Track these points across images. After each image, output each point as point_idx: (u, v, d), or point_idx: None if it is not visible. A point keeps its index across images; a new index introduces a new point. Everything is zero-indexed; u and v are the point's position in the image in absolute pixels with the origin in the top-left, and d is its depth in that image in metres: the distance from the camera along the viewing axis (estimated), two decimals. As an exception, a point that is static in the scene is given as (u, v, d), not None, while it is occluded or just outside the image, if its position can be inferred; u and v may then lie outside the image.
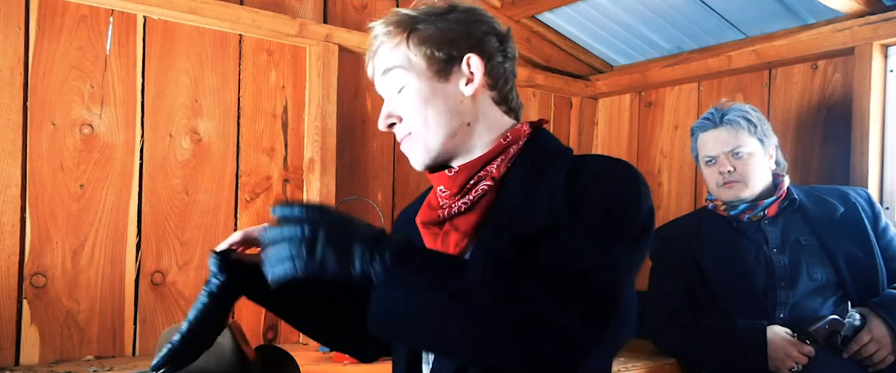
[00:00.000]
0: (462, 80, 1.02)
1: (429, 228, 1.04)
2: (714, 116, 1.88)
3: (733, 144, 1.83)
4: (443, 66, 1.01)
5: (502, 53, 1.06)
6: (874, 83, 2.06)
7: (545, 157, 1.01)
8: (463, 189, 1.01)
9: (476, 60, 1.02)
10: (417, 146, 1.03)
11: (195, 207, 1.97)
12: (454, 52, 1.02)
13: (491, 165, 1.01)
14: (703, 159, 1.92)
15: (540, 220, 0.92)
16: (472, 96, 1.03)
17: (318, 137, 2.13)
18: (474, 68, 1.02)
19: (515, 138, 1.03)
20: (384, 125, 1.05)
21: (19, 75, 1.70)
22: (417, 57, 1.02)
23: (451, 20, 1.03)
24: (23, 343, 1.71)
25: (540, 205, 0.94)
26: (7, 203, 1.68)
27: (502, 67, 1.05)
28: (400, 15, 1.04)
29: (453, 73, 1.02)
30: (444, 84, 1.02)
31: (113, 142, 1.83)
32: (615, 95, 2.90)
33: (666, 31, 2.51)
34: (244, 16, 1.96)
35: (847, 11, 2.07)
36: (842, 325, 1.65)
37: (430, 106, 1.01)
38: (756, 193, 1.83)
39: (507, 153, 1.02)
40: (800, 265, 1.74)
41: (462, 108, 1.02)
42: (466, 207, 1.00)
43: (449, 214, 1.01)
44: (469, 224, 0.99)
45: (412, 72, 1.02)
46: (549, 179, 0.96)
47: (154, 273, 1.90)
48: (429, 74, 1.01)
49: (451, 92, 1.02)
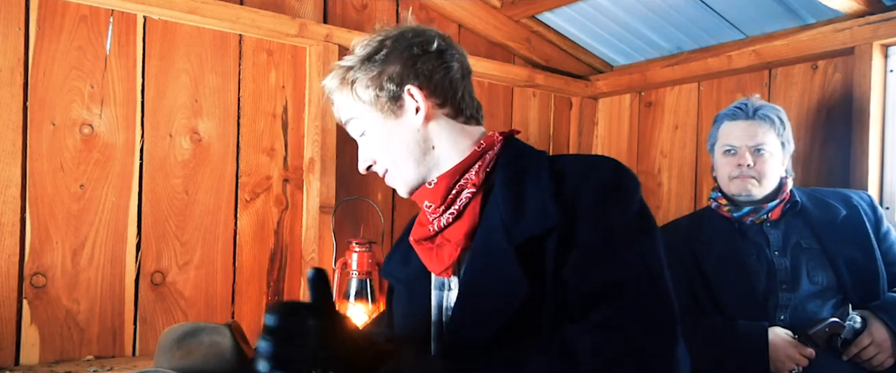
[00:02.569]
0: (412, 110, 1.06)
1: (422, 244, 1.08)
2: (747, 108, 1.85)
3: (759, 139, 1.81)
4: (389, 104, 1.05)
5: (443, 67, 1.07)
6: (874, 83, 2.06)
7: (522, 159, 1.04)
8: (446, 200, 1.04)
9: (415, 90, 1.05)
10: (396, 180, 1.09)
11: (195, 207, 1.96)
12: (394, 88, 1.05)
13: (469, 172, 1.04)
14: (722, 148, 1.88)
15: (532, 225, 0.95)
16: (425, 123, 1.06)
17: (318, 137, 2.13)
18: (416, 97, 1.05)
19: (489, 145, 1.07)
20: (363, 168, 1.13)
21: (19, 75, 1.70)
22: (365, 104, 1.07)
23: (380, 60, 1.06)
24: (23, 343, 1.71)
25: (530, 209, 0.96)
26: (7, 203, 1.68)
27: (446, 81, 1.07)
28: (340, 69, 1.10)
29: (402, 107, 1.06)
30: (397, 120, 1.06)
31: (113, 142, 1.83)
32: (615, 95, 2.90)
33: (666, 31, 2.51)
34: (244, 16, 1.96)
35: (847, 11, 2.07)
36: (842, 327, 1.64)
37: (393, 143, 1.07)
38: (765, 193, 1.82)
39: (484, 159, 1.05)
40: (800, 268, 1.73)
41: (421, 136, 1.06)
42: (454, 218, 1.03)
43: (439, 227, 1.04)
44: (459, 234, 1.02)
45: (366, 117, 1.08)
46: (533, 181, 0.98)
47: (154, 273, 1.90)
48: (381, 116, 1.06)
49: (406, 125, 1.06)
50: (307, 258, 2.14)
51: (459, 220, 1.03)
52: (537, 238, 0.94)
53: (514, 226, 0.96)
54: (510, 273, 0.94)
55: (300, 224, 2.16)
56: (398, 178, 1.09)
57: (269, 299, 2.11)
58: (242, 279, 2.05)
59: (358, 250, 2.02)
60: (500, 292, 0.95)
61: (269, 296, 2.11)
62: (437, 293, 1.07)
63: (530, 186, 0.98)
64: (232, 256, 2.04)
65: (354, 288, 2.01)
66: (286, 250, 2.14)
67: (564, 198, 0.95)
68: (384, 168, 1.10)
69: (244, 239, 2.05)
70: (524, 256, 0.94)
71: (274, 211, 2.12)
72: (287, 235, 2.14)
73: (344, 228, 2.21)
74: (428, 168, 1.07)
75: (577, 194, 0.94)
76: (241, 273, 2.05)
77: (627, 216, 0.94)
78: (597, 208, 0.93)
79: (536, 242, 0.94)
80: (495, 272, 0.96)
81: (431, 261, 1.05)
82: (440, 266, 1.04)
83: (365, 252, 2.02)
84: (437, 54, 1.07)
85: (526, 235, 0.95)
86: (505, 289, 0.94)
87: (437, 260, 1.04)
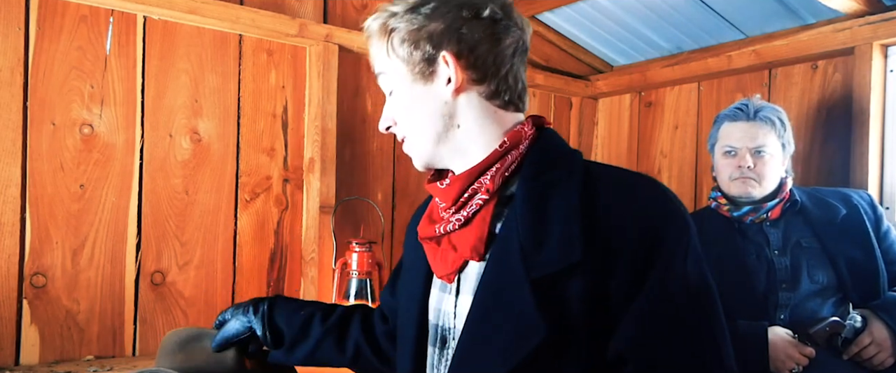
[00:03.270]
0: (443, 79, 0.93)
1: (427, 243, 0.99)
2: (747, 109, 1.85)
3: (760, 141, 1.81)
4: (423, 67, 0.93)
5: (492, 38, 0.94)
6: (874, 83, 2.06)
7: (553, 170, 0.90)
8: (457, 203, 0.94)
9: (450, 57, 0.92)
10: (412, 150, 0.99)
11: (195, 207, 1.96)
12: (430, 49, 0.93)
13: (485, 175, 0.92)
14: (723, 149, 1.88)
15: (553, 258, 0.83)
16: (454, 96, 0.94)
17: (318, 137, 2.13)
18: (451, 66, 0.92)
19: (514, 143, 0.93)
20: (383, 128, 1.02)
21: (19, 75, 1.70)
22: (398, 60, 0.95)
23: (424, 14, 0.93)
24: (23, 343, 1.71)
25: (553, 236, 0.84)
26: (7, 203, 1.68)
27: (491, 55, 0.93)
28: (384, 13, 0.97)
29: (434, 73, 0.94)
30: (426, 85, 0.94)
31: (113, 142, 1.83)
32: (615, 95, 2.90)
33: (666, 31, 2.51)
34: (244, 16, 1.96)
35: (847, 11, 2.07)
36: (842, 327, 1.64)
37: (415, 110, 0.96)
38: (765, 193, 1.82)
39: (504, 161, 0.92)
40: (800, 268, 1.73)
41: (446, 110, 0.94)
42: (461, 224, 0.93)
43: (445, 230, 0.95)
44: (466, 244, 0.92)
45: (397, 75, 0.96)
46: (561, 201, 0.86)
47: (154, 273, 1.90)
48: (411, 78, 0.95)
49: (433, 93, 0.94)
50: (307, 258, 2.14)
51: (467, 227, 0.92)
52: (558, 273, 0.82)
53: (533, 254, 0.84)
54: (524, 311, 0.82)
55: (300, 224, 2.16)
56: (414, 149, 0.98)
57: (269, 299, 2.11)
58: (242, 279, 2.05)
59: (358, 250, 2.02)
60: (511, 331, 0.83)
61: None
62: (439, 294, 0.99)
63: (556, 206, 0.85)
64: (232, 256, 2.04)
65: (354, 288, 2.01)
66: (286, 250, 2.14)
67: (597, 228, 0.82)
68: (403, 134, 0.99)
69: (244, 239, 2.05)
70: (542, 292, 0.82)
71: (274, 211, 2.12)
72: (287, 235, 2.14)
73: (344, 229, 2.21)
74: (448, 148, 0.96)
75: (615, 230, 0.82)
76: (241, 273, 2.05)
77: (686, 269, 0.83)
78: (646, 257, 0.81)
79: (558, 278, 0.82)
80: (507, 306, 0.85)
81: (435, 262, 0.97)
82: (443, 271, 0.96)
83: (365, 252, 2.02)
84: (488, 22, 0.93)
85: (545, 270, 0.83)
86: (517, 329, 0.83)
87: (440, 263, 0.96)
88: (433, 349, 0.98)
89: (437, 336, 0.98)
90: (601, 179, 0.88)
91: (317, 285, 2.11)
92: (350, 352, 1.19)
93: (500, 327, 0.85)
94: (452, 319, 0.95)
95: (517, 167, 0.93)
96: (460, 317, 0.93)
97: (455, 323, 0.95)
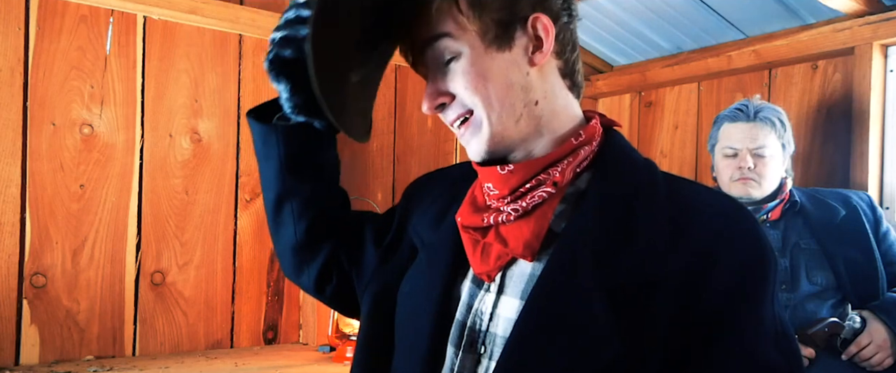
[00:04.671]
0: (524, 48, 0.81)
1: (470, 232, 0.84)
2: (747, 110, 1.85)
3: (760, 141, 1.81)
4: (503, 31, 0.80)
5: (567, 12, 0.84)
6: (874, 83, 2.06)
7: (632, 172, 0.81)
8: (515, 192, 0.81)
9: (545, 21, 0.80)
10: (480, 132, 0.82)
11: (195, 207, 1.97)
12: (516, 12, 0.80)
13: (555, 167, 0.81)
14: (723, 150, 1.88)
15: (640, 264, 0.74)
16: (538, 67, 0.82)
17: (318, 137, 2.12)
18: (542, 32, 0.81)
19: (589, 138, 0.82)
20: (431, 107, 0.84)
21: (19, 75, 1.70)
22: (471, 20, 0.79)
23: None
24: (23, 343, 1.71)
25: (639, 243, 0.75)
26: (7, 203, 1.68)
27: (568, 30, 0.84)
28: None
29: (516, 39, 0.81)
30: (505, 53, 0.80)
31: (113, 142, 1.83)
32: (615, 95, 2.90)
33: (666, 31, 2.51)
34: (244, 16, 1.96)
35: (847, 11, 2.07)
36: (841, 328, 1.65)
37: (491, 81, 0.80)
38: (765, 194, 1.82)
39: (577, 156, 0.81)
40: (799, 268, 1.74)
41: (528, 82, 0.81)
42: (517, 215, 0.80)
43: (495, 220, 0.81)
44: (519, 240, 0.79)
45: (465, 40, 0.80)
46: (645, 208, 0.77)
47: (154, 273, 1.90)
48: (486, 42, 0.80)
49: (514, 62, 0.81)
50: (307, 258, 2.14)
51: (523, 219, 0.80)
52: (640, 287, 0.73)
53: (609, 260, 0.74)
54: (594, 322, 0.72)
55: (300, 224, 2.16)
56: (484, 129, 0.81)
57: (269, 299, 2.11)
58: (242, 279, 2.05)
59: (358, 250, 2.02)
60: (575, 345, 0.73)
61: (269, 296, 2.11)
62: (472, 288, 0.85)
63: (641, 213, 0.76)
64: (232, 256, 2.04)
65: (354, 288, 2.01)
66: (286, 250, 2.14)
67: (686, 245, 0.74)
68: (464, 111, 0.82)
69: (244, 239, 2.06)
70: (618, 304, 0.72)
71: (274, 211, 2.12)
72: (287, 235, 2.14)
73: (344, 228, 2.21)
74: (520, 130, 0.81)
75: (708, 253, 0.74)
76: (241, 273, 2.05)
77: (774, 312, 0.77)
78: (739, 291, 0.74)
79: (639, 290, 0.73)
80: (572, 316, 0.74)
81: (474, 257, 0.83)
82: (483, 268, 0.82)
83: (365, 252, 2.02)
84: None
85: (630, 278, 0.73)
86: (582, 342, 0.73)
87: (481, 259, 0.83)
88: (454, 350, 0.83)
89: (464, 337, 0.83)
90: (693, 198, 0.79)
91: (317, 284, 2.11)
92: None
93: (561, 339, 0.74)
94: (488, 321, 0.82)
95: (588, 165, 0.83)
96: (501, 320, 0.80)
97: (493, 328, 0.81)
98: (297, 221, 0.95)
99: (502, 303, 0.81)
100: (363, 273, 0.97)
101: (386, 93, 2.35)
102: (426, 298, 0.86)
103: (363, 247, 0.98)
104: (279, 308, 2.13)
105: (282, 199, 0.95)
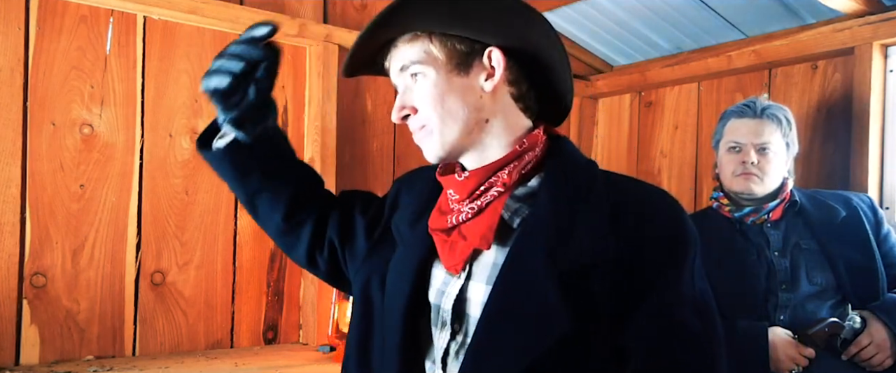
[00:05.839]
0: (483, 75, 0.97)
1: (438, 234, 1.00)
2: (754, 106, 1.86)
3: (765, 137, 1.82)
4: (463, 60, 0.97)
5: (529, 56, 1.00)
6: (874, 83, 2.06)
7: (576, 175, 0.95)
8: (472, 195, 0.96)
9: (498, 55, 0.96)
10: (431, 139, 0.98)
11: (195, 207, 1.97)
12: (475, 47, 0.97)
13: (502, 171, 0.96)
14: (728, 145, 1.88)
15: (583, 251, 0.87)
16: (491, 92, 0.97)
17: (318, 137, 2.13)
18: (496, 63, 0.97)
19: (531, 145, 0.97)
20: (398, 117, 1.00)
21: (19, 75, 1.70)
22: (438, 51, 0.97)
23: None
24: (23, 343, 1.71)
25: (582, 234, 0.88)
26: (7, 203, 1.68)
27: (524, 67, 1.00)
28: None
29: (473, 67, 0.97)
30: (463, 78, 0.97)
31: (113, 142, 1.83)
32: (615, 95, 2.90)
33: (666, 31, 2.51)
34: (244, 16, 1.96)
35: (847, 11, 2.07)
36: (841, 328, 1.65)
37: (447, 99, 0.96)
38: (767, 192, 1.82)
39: (521, 160, 0.96)
40: (799, 269, 1.74)
41: (481, 103, 0.97)
42: (473, 213, 0.95)
43: (457, 221, 0.96)
44: (477, 233, 0.93)
45: (430, 64, 0.97)
46: (586, 203, 0.91)
47: (154, 273, 1.90)
48: (448, 67, 0.97)
49: (470, 86, 0.97)
50: (307, 258, 2.14)
51: (479, 216, 0.95)
52: (584, 269, 0.87)
53: (559, 247, 0.88)
54: (547, 303, 0.86)
55: (300, 224, 2.16)
56: (436, 137, 0.97)
57: (269, 299, 2.11)
58: (242, 279, 2.05)
59: (358, 250, 2.02)
60: (533, 323, 0.86)
61: (269, 296, 2.11)
62: (444, 276, 0.99)
63: (583, 207, 0.90)
64: (232, 256, 2.04)
65: (354, 288, 2.01)
66: (286, 250, 2.14)
67: (622, 230, 0.88)
68: (421, 123, 0.98)
69: (244, 239, 2.05)
70: (567, 286, 0.86)
71: (274, 211, 2.12)
72: (287, 235, 2.14)
73: (344, 228, 2.21)
74: (472, 142, 0.98)
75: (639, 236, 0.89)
76: (241, 273, 2.05)
77: (694, 284, 0.91)
78: (667, 268, 0.89)
79: (584, 272, 0.87)
80: (529, 298, 0.87)
81: (444, 254, 0.98)
82: (452, 262, 0.96)
83: (365, 252, 2.02)
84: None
85: (576, 263, 0.87)
86: (538, 321, 0.86)
87: (449, 255, 0.96)
88: (437, 330, 0.98)
89: (439, 318, 0.98)
90: (623, 186, 0.95)
91: (317, 285, 2.11)
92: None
93: (521, 318, 0.87)
94: (461, 304, 0.96)
95: (533, 167, 0.97)
96: (472, 303, 0.94)
97: (466, 310, 0.95)
98: (273, 212, 1.13)
99: (472, 288, 0.95)
100: (355, 256, 1.13)
101: (386, 93, 2.35)
102: (404, 283, 1.00)
103: (354, 234, 1.14)
104: (279, 308, 2.12)
105: (252, 199, 1.14)
